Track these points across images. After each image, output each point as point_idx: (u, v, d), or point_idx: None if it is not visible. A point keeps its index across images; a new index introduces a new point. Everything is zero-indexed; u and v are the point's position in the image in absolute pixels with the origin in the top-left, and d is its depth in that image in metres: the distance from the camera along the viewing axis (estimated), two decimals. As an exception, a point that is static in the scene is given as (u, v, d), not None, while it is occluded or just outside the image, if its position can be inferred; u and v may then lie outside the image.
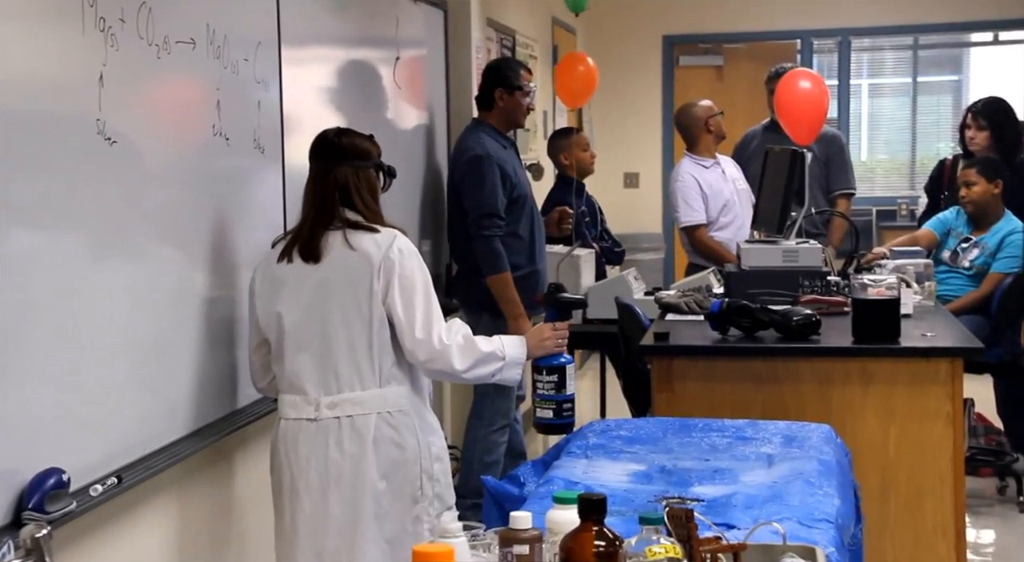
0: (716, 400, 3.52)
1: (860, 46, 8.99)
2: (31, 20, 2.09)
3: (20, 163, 2.04)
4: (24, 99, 2.06)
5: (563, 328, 2.79)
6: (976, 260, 5.03)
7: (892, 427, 3.45)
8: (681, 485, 2.61)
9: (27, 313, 2.06)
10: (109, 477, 2.28)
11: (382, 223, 2.71)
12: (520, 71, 4.38)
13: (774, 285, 4.06)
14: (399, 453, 2.66)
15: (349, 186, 2.69)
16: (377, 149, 2.79)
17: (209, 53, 2.73)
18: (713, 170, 5.35)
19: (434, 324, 2.64)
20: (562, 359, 2.77)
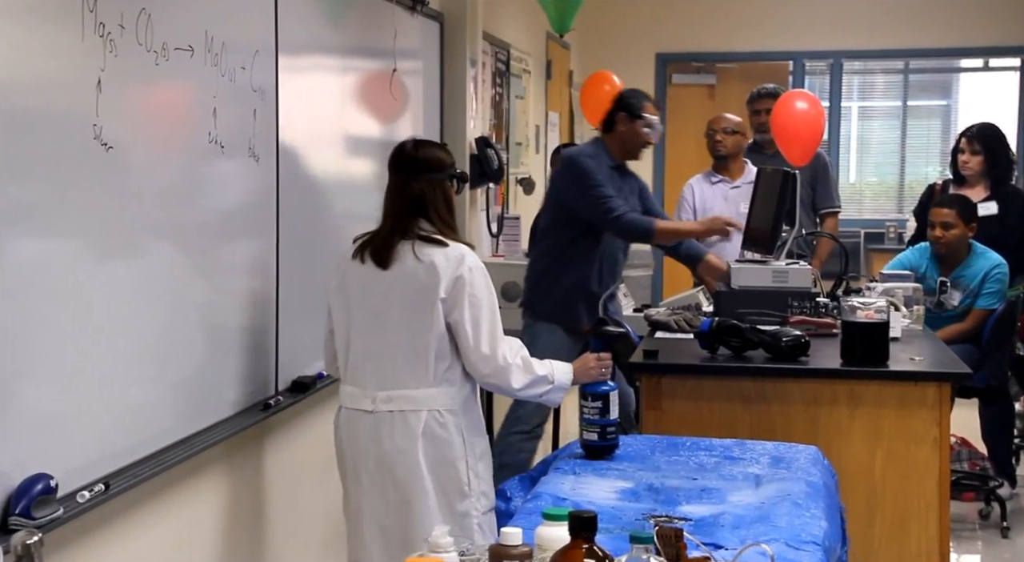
0: (704, 419, 3.52)
1: (852, 69, 9.05)
2: (31, 24, 2.08)
3: (16, 166, 2.04)
4: (22, 102, 2.06)
5: (606, 358, 2.97)
6: (963, 301, 5.04)
7: (879, 450, 3.46)
8: (668, 504, 2.61)
9: (17, 318, 2.05)
10: (96, 484, 2.26)
11: (454, 235, 2.89)
12: (645, 103, 4.42)
13: (764, 305, 4.07)
14: (447, 449, 2.86)
15: (425, 198, 2.88)
16: (450, 158, 2.98)
17: (207, 60, 2.72)
18: (718, 187, 5.36)
19: (499, 342, 2.85)
20: (606, 386, 2.93)
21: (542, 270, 4.41)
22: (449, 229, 2.90)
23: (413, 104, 4.49)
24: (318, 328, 3.47)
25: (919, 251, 5.18)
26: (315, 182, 3.51)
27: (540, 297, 4.39)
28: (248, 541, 3.17)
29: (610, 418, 2.93)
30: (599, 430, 2.92)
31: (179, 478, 2.73)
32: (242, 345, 3.01)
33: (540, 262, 4.44)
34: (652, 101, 4.49)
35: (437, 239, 2.84)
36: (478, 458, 2.92)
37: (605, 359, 2.97)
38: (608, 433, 2.93)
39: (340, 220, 3.72)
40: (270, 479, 3.31)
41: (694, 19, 8.45)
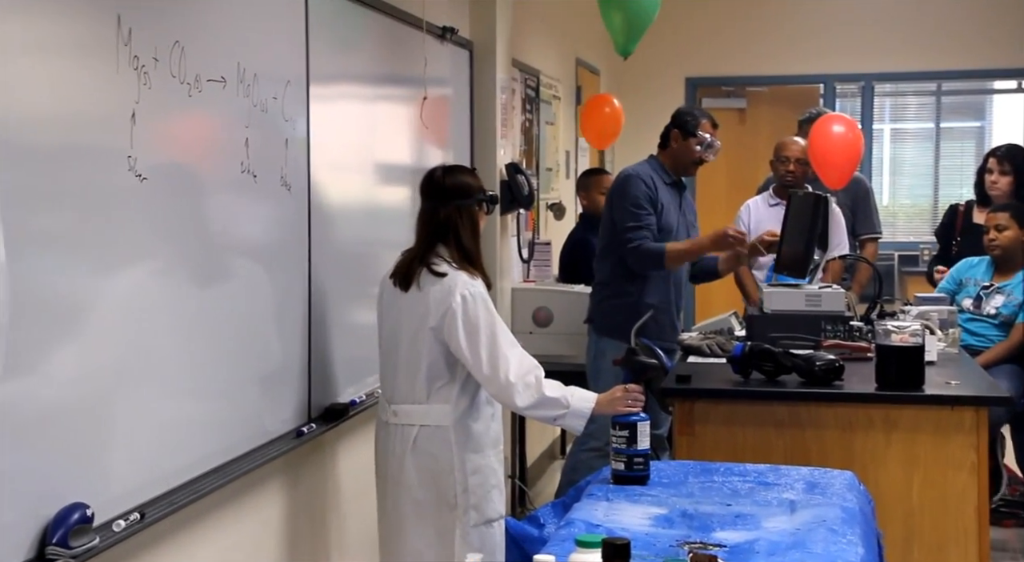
0: (738, 444, 3.50)
1: (883, 91, 9.01)
2: (67, 57, 2.12)
3: (53, 199, 2.06)
4: (58, 135, 2.08)
5: (635, 390, 3.00)
6: (1003, 308, 4.98)
7: (916, 475, 3.42)
8: (703, 530, 2.59)
9: (51, 349, 2.07)
10: (132, 513, 2.28)
11: (476, 260, 3.06)
12: (701, 121, 4.45)
13: (796, 329, 4.05)
14: (433, 463, 3.01)
15: (450, 224, 3.06)
16: (478, 183, 3.14)
17: (239, 91, 2.75)
18: (775, 210, 5.34)
19: (499, 362, 2.94)
20: (634, 417, 2.94)
21: (608, 287, 4.42)
22: (469, 255, 3.05)
23: (443, 131, 4.51)
24: (350, 355, 3.49)
25: (968, 263, 5.15)
26: (347, 210, 3.54)
27: (606, 313, 4.40)
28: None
29: (637, 448, 2.92)
30: (626, 460, 2.93)
31: (214, 506, 2.74)
32: (275, 373, 3.02)
33: (606, 279, 4.44)
34: (710, 119, 4.52)
35: (438, 272, 3.00)
36: (469, 473, 3.01)
37: (634, 390, 3.00)
38: (635, 463, 2.93)
39: (372, 247, 3.74)
40: (304, 506, 3.32)
41: (724, 43, 8.46)
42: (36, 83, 2.01)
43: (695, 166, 4.50)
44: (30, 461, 2.01)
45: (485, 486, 3.04)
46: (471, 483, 3.02)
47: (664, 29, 8.48)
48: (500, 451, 3.14)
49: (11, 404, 1.94)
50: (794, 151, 5.31)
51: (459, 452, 3.01)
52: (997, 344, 4.94)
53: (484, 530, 3.02)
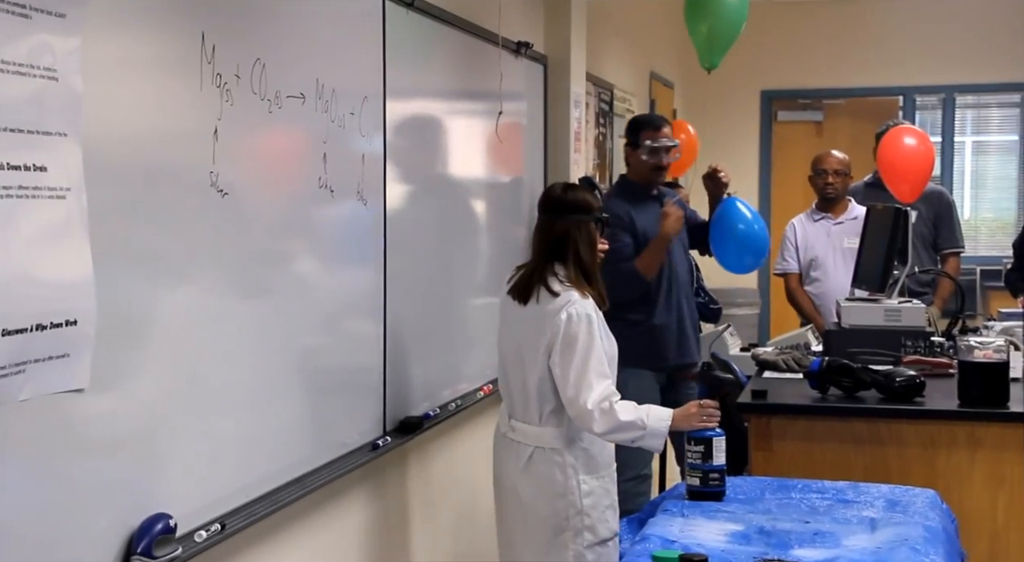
0: (816, 460, 3.45)
1: (965, 103, 8.84)
2: (154, 75, 2.16)
3: (139, 214, 2.11)
4: (144, 152, 2.13)
5: (710, 405, 2.98)
6: None
7: (1001, 494, 3.34)
8: (781, 547, 2.56)
9: (136, 363, 2.12)
10: (213, 524, 2.31)
11: (593, 277, 3.09)
12: (644, 131, 4.38)
13: (875, 344, 3.98)
14: (548, 484, 3.04)
15: (568, 239, 3.09)
16: (597, 202, 3.18)
17: (318, 107, 2.79)
18: (821, 224, 5.29)
19: (583, 387, 2.95)
20: (710, 432, 2.92)
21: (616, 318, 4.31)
22: (585, 271, 3.08)
23: (518, 145, 4.53)
24: (425, 368, 3.51)
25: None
26: (422, 224, 3.56)
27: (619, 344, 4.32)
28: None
29: (712, 464, 2.91)
30: (701, 475, 2.92)
31: (292, 517, 2.77)
32: (351, 385, 3.05)
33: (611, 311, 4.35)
34: (651, 122, 4.44)
35: (553, 289, 3.04)
36: (583, 495, 3.03)
37: (708, 405, 2.98)
38: (711, 479, 2.92)
39: (446, 261, 3.76)
40: (380, 518, 3.34)
41: (799, 55, 8.38)
42: (124, 101, 2.06)
43: (657, 173, 4.39)
44: (116, 472, 2.05)
45: (599, 507, 3.07)
46: (585, 504, 3.05)
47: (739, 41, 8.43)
48: (613, 471, 3.18)
49: (98, 416, 1.99)
50: (831, 163, 5.25)
51: (574, 475, 3.05)
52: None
53: (599, 549, 3.05)
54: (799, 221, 5.40)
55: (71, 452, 1.92)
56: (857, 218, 5.02)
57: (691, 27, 5.36)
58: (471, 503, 4.04)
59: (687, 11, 5.42)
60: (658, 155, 4.33)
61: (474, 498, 4.03)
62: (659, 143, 4.33)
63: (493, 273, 3.90)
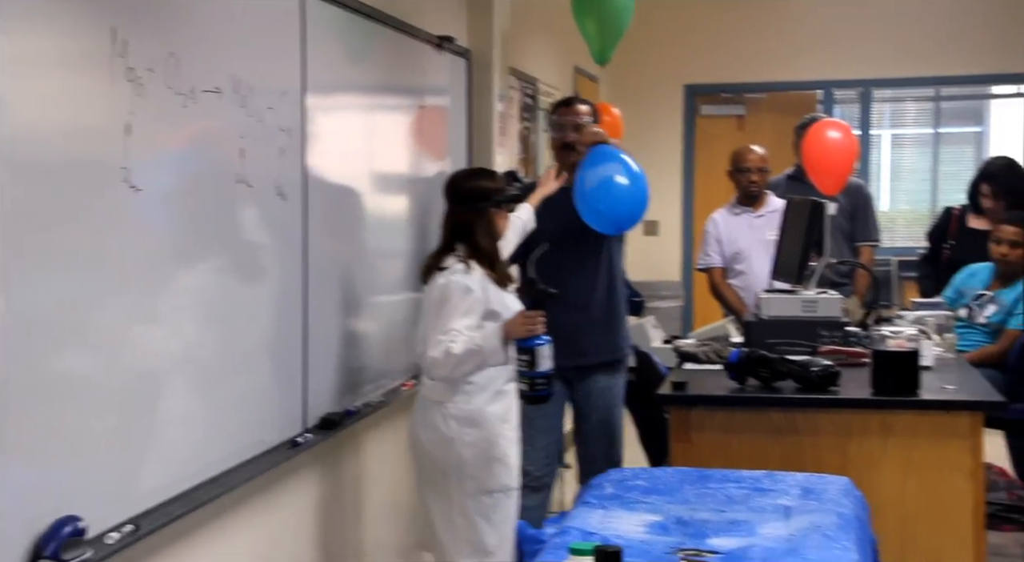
0: (734, 451, 3.51)
1: (882, 97, 9.02)
2: (62, 70, 2.13)
3: (47, 211, 2.07)
4: (52, 148, 2.09)
5: (533, 315, 3.14)
6: (993, 317, 4.98)
7: (911, 480, 3.43)
8: (698, 537, 2.60)
9: (46, 361, 2.08)
10: (125, 525, 2.28)
11: (493, 259, 3.28)
12: (558, 107, 4.12)
13: (793, 335, 4.05)
14: (435, 433, 3.24)
15: (467, 226, 3.28)
16: (497, 184, 3.35)
17: (234, 102, 2.77)
18: (743, 217, 5.36)
19: (432, 343, 3.16)
20: (536, 341, 3.12)
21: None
22: (487, 254, 3.26)
23: (441, 139, 4.52)
24: (347, 364, 3.50)
25: (969, 272, 5.14)
26: (343, 219, 3.55)
27: None
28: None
29: (538, 370, 3.11)
30: (528, 382, 3.13)
31: (209, 518, 2.75)
32: (270, 382, 3.03)
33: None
34: (566, 101, 4.15)
35: (443, 266, 3.24)
36: (465, 446, 3.21)
37: (532, 315, 3.14)
38: (537, 384, 3.12)
39: (370, 255, 3.75)
40: (300, 517, 3.32)
41: (722, 50, 8.47)
42: (31, 96, 2.02)
43: (566, 153, 4.03)
44: (22, 474, 2.01)
45: (483, 458, 3.22)
46: (467, 455, 3.21)
47: (662, 36, 8.51)
48: (509, 427, 3.30)
49: (2, 418, 1.95)
50: (754, 161, 5.31)
51: (456, 426, 3.22)
52: (983, 347, 4.94)
53: (486, 500, 3.22)
54: (720, 215, 5.46)
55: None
56: (777, 211, 5.10)
57: (580, 23, 5.37)
58: (395, 497, 4.04)
59: (574, 7, 5.41)
60: (562, 131, 4.03)
61: (397, 492, 4.03)
62: (564, 119, 4.04)
63: (415, 267, 3.89)
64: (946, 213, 5.70)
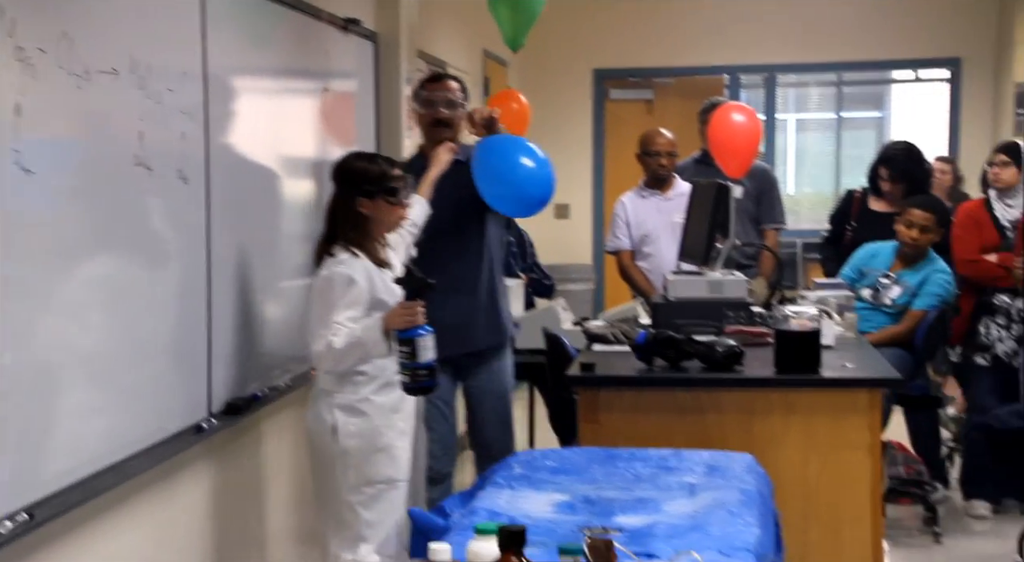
0: (642, 431, 3.55)
1: (786, 81, 9.18)
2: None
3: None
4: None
5: (412, 305, 3.07)
6: (899, 299, 5.09)
7: (813, 457, 3.50)
8: (604, 515, 2.62)
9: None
10: (19, 514, 2.23)
11: (364, 245, 3.19)
12: (426, 84, 4.02)
13: (700, 316, 4.10)
14: (320, 424, 3.22)
15: (343, 210, 3.22)
16: (377, 169, 3.23)
17: (132, 83, 2.71)
18: (651, 200, 5.40)
19: (314, 339, 3.14)
20: (417, 331, 3.05)
21: None
22: (356, 240, 3.19)
23: (348, 123, 4.48)
24: (253, 349, 3.46)
25: (869, 252, 5.24)
26: (248, 203, 3.50)
27: None
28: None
29: (419, 361, 3.05)
30: (410, 373, 3.07)
31: (109, 505, 2.70)
32: (174, 368, 2.98)
33: None
34: (436, 77, 4.08)
35: (331, 253, 3.19)
36: (348, 436, 3.18)
37: (411, 306, 3.08)
38: (419, 375, 3.06)
39: (273, 241, 3.71)
40: (204, 505, 3.28)
41: (631, 35, 8.54)
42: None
43: (436, 129, 3.94)
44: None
45: (364, 450, 3.19)
46: (348, 445, 3.18)
47: (571, 20, 8.54)
48: (400, 418, 3.28)
49: None
50: (663, 144, 5.36)
51: (340, 415, 3.19)
52: (887, 327, 5.05)
53: (368, 491, 3.19)
54: (629, 198, 5.50)
55: None
56: (684, 194, 5.15)
57: (492, 8, 5.35)
58: (301, 483, 4.01)
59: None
60: (434, 106, 3.91)
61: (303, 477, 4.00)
62: (434, 95, 3.92)
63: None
64: (848, 196, 5.82)
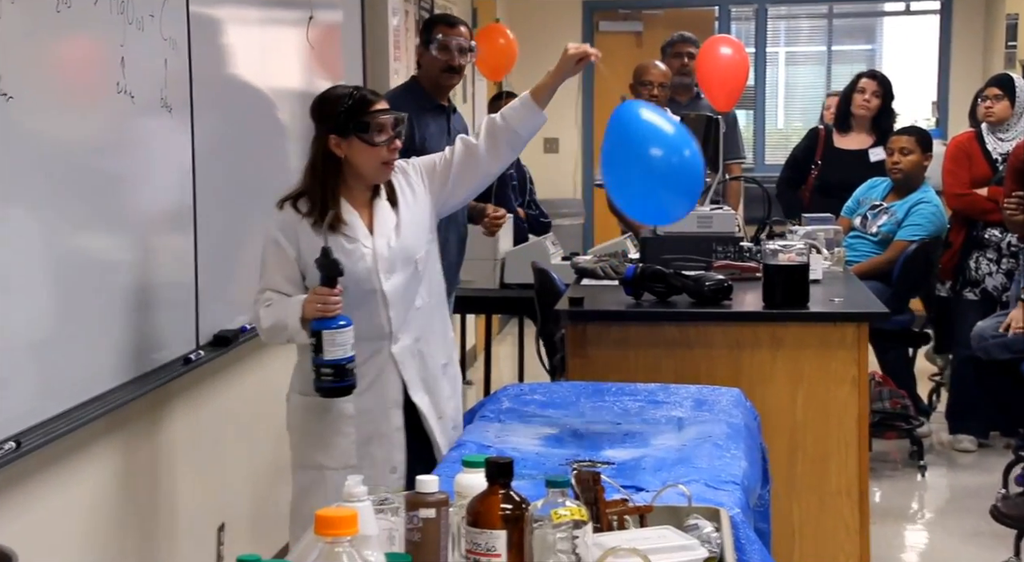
0: (630, 366, 3.55)
1: (777, 14, 9.08)
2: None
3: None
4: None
5: (324, 293, 2.60)
6: (883, 226, 5.12)
7: (800, 390, 3.51)
8: (592, 449, 2.63)
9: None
10: (7, 442, 2.22)
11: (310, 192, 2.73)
12: (438, 25, 3.94)
13: (688, 251, 4.10)
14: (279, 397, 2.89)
15: (314, 156, 2.74)
16: (350, 101, 2.69)
17: (112, 8, 2.64)
18: None
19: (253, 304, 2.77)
20: (329, 323, 2.60)
21: None
22: (311, 183, 2.73)
23: (335, 54, 4.41)
24: (240, 281, 3.43)
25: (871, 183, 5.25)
26: (232, 132, 3.45)
27: None
28: (172, 499, 3.14)
29: (323, 358, 2.59)
30: (314, 370, 2.62)
31: (98, 435, 2.69)
32: (160, 300, 2.96)
33: None
34: (451, 21, 3.97)
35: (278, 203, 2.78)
36: (292, 410, 2.85)
37: (323, 292, 2.60)
38: (322, 374, 2.61)
39: (259, 171, 3.66)
40: (193, 435, 3.28)
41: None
42: None
43: (449, 76, 3.88)
44: None
45: (311, 432, 2.79)
46: (293, 421, 2.85)
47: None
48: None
49: None
50: (656, 75, 5.32)
51: (292, 390, 2.85)
52: (871, 258, 5.08)
53: (313, 474, 2.79)
54: None
55: None
56: None
57: None
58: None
59: None
60: (450, 52, 3.84)
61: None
62: (451, 40, 3.85)
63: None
64: (812, 133, 5.79)
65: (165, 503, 3.09)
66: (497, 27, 6.32)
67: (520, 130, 2.89)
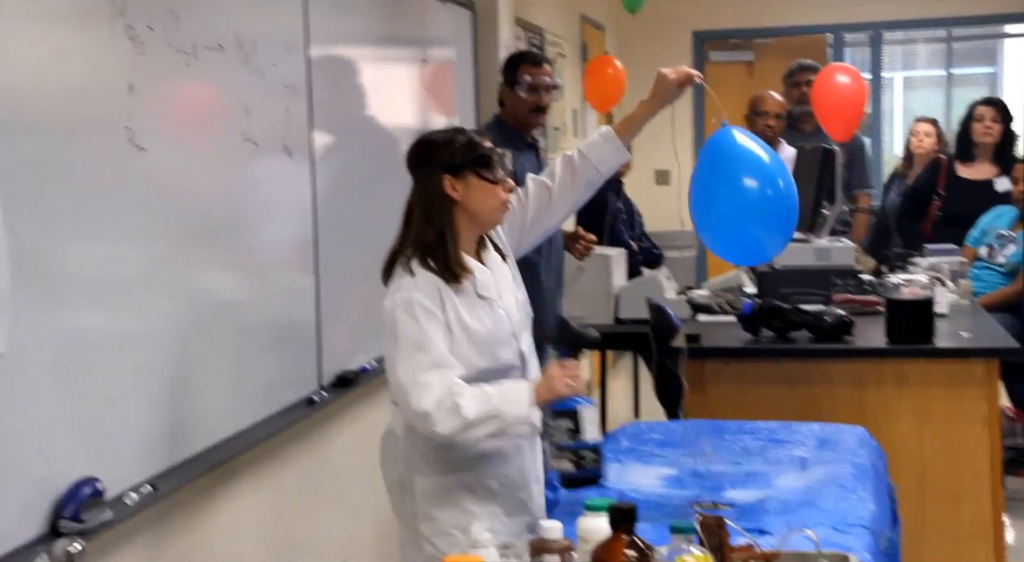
0: (749, 403, 3.50)
1: (893, 39, 8.91)
2: (60, 29, 2.10)
3: (49, 171, 2.05)
4: (53, 107, 2.07)
5: (572, 366, 2.30)
6: (1012, 256, 4.95)
7: (927, 429, 3.41)
8: (714, 489, 2.59)
9: (58, 322, 2.07)
10: (143, 486, 2.28)
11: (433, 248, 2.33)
12: (519, 65, 3.89)
13: (806, 285, 4.03)
14: (391, 472, 2.45)
15: (410, 206, 2.38)
16: (449, 149, 2.34)
17: (238, 58, 2.73)
18: None
19: (414, 387, 2.24)
20: (576, 401, 2.42)
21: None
22: (433, 236, 2.33)
23: (447, 94, 4.47)
24: (361, 320, 3.48)
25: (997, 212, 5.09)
26: (351, 174, 3.51)
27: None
28: (296, 538, 3.19)
29: (586, 441, 2.47)
30: (573, 456, 2.45)
31: (226, 477, 2.75)
32: (284, 341, 3.02)
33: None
34: (530, 58, 3.91)
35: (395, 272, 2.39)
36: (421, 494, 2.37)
37: (571, 367, 2.29)
38: (583, 459, 2.46)
39: (378, 212, 3.71)
40: (317, 475, 3.33)
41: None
42: (30, 55, 2.00)
43: (535, 115, 3.83)
44: (39, 437, 2.01)
45: (447, 521, 2.34)
46: (423, 507, 2.37)
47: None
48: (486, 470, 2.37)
49: (16, 377, 1.94)
50: (773, 106, 5.27)
51: (414, 469, 2.37)
52: (999, 289, 4.91)
53: (451, 539, 2.31)
54: None
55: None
56: (790, 159, 5.04)
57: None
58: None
59: None
60: (538, 93, 3.79)
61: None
62: (539, 80, 3.80)
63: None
64: (934, 164, 5.63)
65: (289, 545, 3.14)
66: (606, 58, 6.34)
67: (601, 167, 2.59)
